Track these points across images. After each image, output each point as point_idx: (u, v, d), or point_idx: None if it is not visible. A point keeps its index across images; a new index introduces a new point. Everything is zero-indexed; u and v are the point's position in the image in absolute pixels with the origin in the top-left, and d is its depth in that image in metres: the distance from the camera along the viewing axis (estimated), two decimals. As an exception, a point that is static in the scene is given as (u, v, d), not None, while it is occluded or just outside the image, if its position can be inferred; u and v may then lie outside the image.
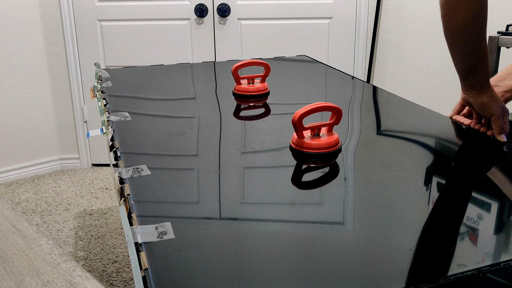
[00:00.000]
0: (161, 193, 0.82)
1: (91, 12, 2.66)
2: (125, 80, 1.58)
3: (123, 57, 2.73)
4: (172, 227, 0.71)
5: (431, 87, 2.79)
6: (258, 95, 1.37)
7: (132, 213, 0.75)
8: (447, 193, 0.81)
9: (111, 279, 1.88)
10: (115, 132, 1.11)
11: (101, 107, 1.28)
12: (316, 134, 0.98)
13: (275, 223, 0.72)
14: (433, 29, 2.70)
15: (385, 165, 0.92)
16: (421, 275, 0.59)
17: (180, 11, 2.68)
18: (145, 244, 0.67)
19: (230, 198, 0.80)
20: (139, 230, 0.70)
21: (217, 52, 2.74)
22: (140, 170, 0.91)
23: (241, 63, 1.39)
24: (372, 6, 2.68)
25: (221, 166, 0.92)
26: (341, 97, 1.36)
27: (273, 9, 2.68)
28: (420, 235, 0.68)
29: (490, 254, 0.64)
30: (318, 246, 0.66)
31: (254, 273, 0.60)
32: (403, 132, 1.09)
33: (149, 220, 0.73)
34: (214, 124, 1.15)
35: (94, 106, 2.82)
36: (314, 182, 0.86)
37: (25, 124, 2.73)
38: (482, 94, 1.07)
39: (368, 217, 0.73)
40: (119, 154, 0.99)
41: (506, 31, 2.06)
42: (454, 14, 1.00)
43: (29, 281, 0.48)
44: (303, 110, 0.95)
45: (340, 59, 2.75)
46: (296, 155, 0.96)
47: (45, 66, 2.71)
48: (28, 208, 2.43)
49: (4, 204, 0.61)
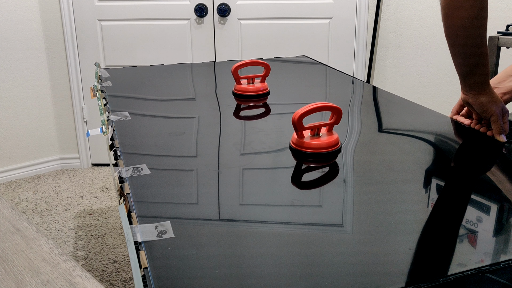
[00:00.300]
0: (161, 192, 0.82)
1: (91, 12, 2.66)
2: (125, 79, 1.58)
3: (123, 57, 2.73)
4: (172, 226, 0.71)
5: (431, 87, 2.79)
6: (258, 95, 1.37)
7: (131, 212, 0.75)
8: (447, 193, 0.81)
9: (111, 278, 1.88)
10: (115, 131, 1.11)
11: (101, 107, 1.28)
12: (316, 134, 0.98)
13: (274, 223, 0.72)
14: (433, 29, 2.70)
15: (385, 165, 0.92)
16: (420, 275, 0.59)
17: (180, 11, 2.68)
18: (144, 243, 0.67)
19: (229, 198, 0.80)
20: (139, 229, 0.70)
21: (217, 52, 2.74)
22: (140, 169, 0.91)
23: (241, 63, 1.39)
24: (372, 6, 2.68)
25: (220, 166, 0.92)
26: (341, 97, 1.36)
27: (273, 9, 2.68)
28: (419, 235, 0.68)
29: (490, 253, 0.64)
30: (318, 246, 0.66)
31: (254, 272, 0.60)
32: (403, 131, 1.09)
33: (149, 219, 0.73)
34: (214, 124, 1.15)
35: (94, 106, 2.82)
36: (314, 182, 0.86)
37: (25, 124, 2.73)
38: (482, 94, 1.07)
39: (368, 217, 0.73)
40: (119, 153, 0.99)
41: (506, 31, 2.06)
42: (455, 14, 1.00)
43: (29, 280, 0.48)
44: (303, 110, 0.95)
45: (340, 59, 2.75)
46: (296, 155, 0.96)
47: (45, 66, 2.71)
48: (28, 208, 2.43)
49: (4, 204, 0.61)
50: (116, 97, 1.39)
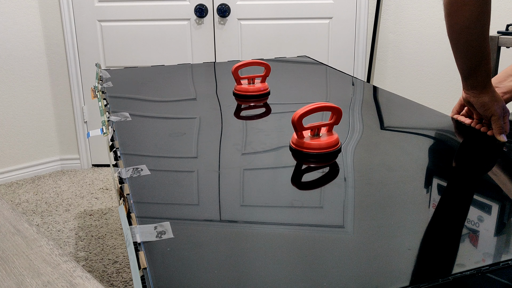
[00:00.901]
0: (161, 193, 0.82)
1: (91, 12, 2.66)
2: (126, 80, 1.58)
3: (123, 57, 2.73)
4: (171, 227, 0.71)
5: (431, 87, 2.79)
6: (259, 95, 1.38)
7: (131, 213, 0.76)
8: (447, 193, 0.81)
9: (111, 279, 1.88)
10: (115, 132, 1.11)
11: (101, 107, 1.28)
12: (316, 134, 0.98)
13: (274, 224, 0.72)
14: (433, 29, 2.70)
15: (385, 165, 0.92)
16: (420, 275, 0.59)
17: (180, 12, 2.68)
18: (144, 244, 0.67)
19: (229, 198, 0.80)
20: (138, 229, 0.70)
21: (217, 52, 2.75)
22: (140, 170, 0.91)
23: (241, 63, 1.39)
24: (372, 6, 2.68)
25: (220, 167, 0.92)
26: (341, 97, 1.36)
27: (273, 9, 2.68)
28: (419, 235, 0.68)
29: (490, 254, 0.64)
30: (318, 246, 0.66)
31: (253, 273, 0.60)
32: (403, 131, 1.09)
33: (148, 220, 0.73)
34: (215, 124, 1.15)
35: (94, 107, 2.82)
36: (314, 182, 0.86)
37: (25, 124, 2.73)
38: (483, 94, 1.07)
39: (368, 217, 0.73)
40: (119, 154, 0.99)
41: (506, 31, 2.06)
42: (458, 14, 1.00)
43: (29, 281, 0.48)
44: (303, 110, 0.95)
45: (340, 59, 2.75)
46: (296, 155, 0.96)
47: (45, 66, 2.71)
48: (29, 209, 2.43)
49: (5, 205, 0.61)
50: (117, 97, 1.39)
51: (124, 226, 0.73)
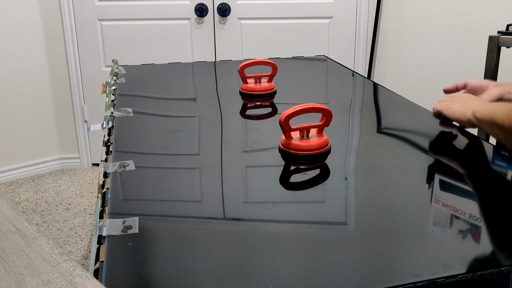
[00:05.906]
0: (139, 189, 0.82)
1: (91, 11, 2.66)
2: (140, 77, 1.58)
3: (123, 57, 2.73)
4: (141, 223, 0.71)
5: (431, 87, 2.79)
6: (265, 95, 1.37)
7: (105, 207, 0.76)
8: (448, 193, 0.81)
9: (111, 278, 1.88)
10: (113, 127, 1.12)
11: (107, 103, 1.29)
12: (306, 136, 0.97)
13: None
14: (433, 29, 2.70)
15: (377, 167, 0.92)
16: (420, 275, 0.59)
17: (180, 11, 2.68)
18: (108, 238, 0.67)
19: (207, 196, 0.80)
20: (107, 223, 0.70)
21: (217, 52, 2.74)
22: (126, 165, 0.91)
23: (247, 62, 1.38)
24: (372, 6, 2.68)
25: (205, 165, 0.92)
26: (342, 97, 1.36)
27: (273, 9, 2.68)
28: (419, 235, 0.68)
29: (491, 253, 0.64)
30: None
31: (200, 274, 0.60)
32: (402, 132, 1.10)
33: (120, 215, 0.73)
34: (213, 123, 1.15)
35: (94, 106, 2.82)
36: (301, 183, 0.86)
37: (25, 123, 2.73)
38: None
39: (368, 217, 0.73)
40: (111, 149, 0.99)
41: (506, 31, 2.06)
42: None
43: (29, 280, 0.48)
44: (290, 111, 0.94)
45: (340, 59, 2.75)
46: (284, 156, 0.96)
47: (45, 66, 2.71)
48: (28, 208, 2.43)
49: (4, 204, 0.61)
50: (125, 93, 1.40)
51: (95, 219, 0.73)
